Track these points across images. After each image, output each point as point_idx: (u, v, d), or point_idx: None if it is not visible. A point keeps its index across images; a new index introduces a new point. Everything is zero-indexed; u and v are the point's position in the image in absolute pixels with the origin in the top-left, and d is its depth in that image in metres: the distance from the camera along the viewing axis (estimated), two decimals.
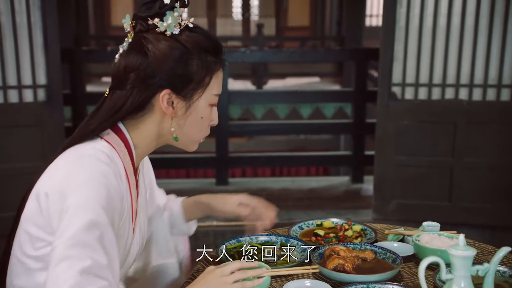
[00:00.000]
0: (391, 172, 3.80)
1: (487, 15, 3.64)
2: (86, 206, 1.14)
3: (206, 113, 1.35)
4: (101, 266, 1.12)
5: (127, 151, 1.33)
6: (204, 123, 1.36)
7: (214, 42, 1.33)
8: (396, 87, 3.77)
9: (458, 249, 1.32)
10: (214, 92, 1.34)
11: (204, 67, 1.30)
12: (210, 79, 1.32)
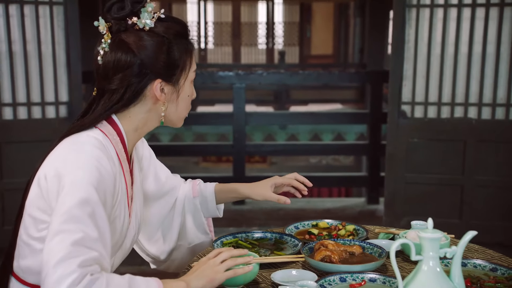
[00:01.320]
0: (402, 189, 3.84)
1: (495, 35, 3.71)
2: (78, 186, 1.25)
3: (191, 90, 1.49)
4: (92, 239, 1.21)
5: (120, 139, 1.43)
6: (189, 100, 1.50)
7: (183, 25, 1.45)
8: (405, 106, 3.84)
9: (427, 232, 1.39)
10: (193, 69, 1.47)
11: (183, 51, 1.43)
12: (190, 60, 1.46)
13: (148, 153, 1.75)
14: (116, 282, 1.22)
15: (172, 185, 1.80)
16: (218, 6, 11.23)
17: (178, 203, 1.79)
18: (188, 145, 5.64)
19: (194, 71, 1.49)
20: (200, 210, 1.80)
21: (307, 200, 5.19)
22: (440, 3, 3.74)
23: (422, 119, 3.84)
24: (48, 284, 1.17)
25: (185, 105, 1.50)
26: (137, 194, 1.55)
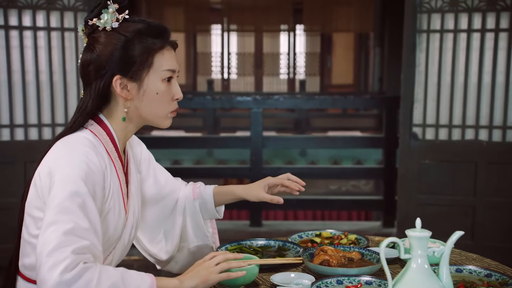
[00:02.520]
0: (414, 210, 3.88)
1: (504, 58, 3.78)
2: (68, 180, 1.34)
3: (161, 88, 1.50)
4: (82, 229, 1.30)
5: (109, 138, 1.52)
6: (163, 97, 1.51)
7: (153, 26, 1.51)
8: (417, 128, 3.92)
9: (415, 231, 1.47)
10: (163, 68, 1.50)
11: (144, 48, 1.47)
12: (153, 58, 1.49)
13: (147, 156, 1.81)
14: (109, 273, 1.29)
15: (172, 188, 1.87)
16: (241, 37, 11.48)
17: (179, 204, 1.87)
18: (208, 168, 5.77)
19: (166, 70, 1.51)
20: (199, 212, 1.87)
21: (323, 222, 5.24)
22: (450, 28, 3.85)
23: (433, 141, 3.91)
24: (42, 272, 1.24)
25: (156, 102, 1.51)
26: (134, 193, 1.62)
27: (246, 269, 1.57)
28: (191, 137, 6.33)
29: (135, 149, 1.75)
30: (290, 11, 9.48)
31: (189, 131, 8.13)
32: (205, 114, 8.46)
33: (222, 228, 4.90)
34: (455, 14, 3.82)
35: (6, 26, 3.68)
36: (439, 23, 3.86)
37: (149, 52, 1.48)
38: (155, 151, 6.53)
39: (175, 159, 6.96)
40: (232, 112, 8.63)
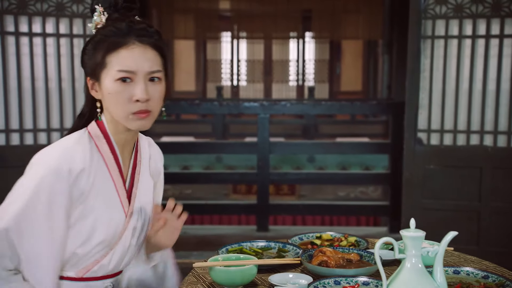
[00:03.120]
0: (419, 215, 3.88)
1: (510, 62, 3.80)
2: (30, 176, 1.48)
3: (113, 88, 1.48)
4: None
5: (105, 139, 1.56)
6: (117, 98, 1.48)
7: (116, 26, 1.50)
8: (422, 133, 3.95)
9: (409, 231, 1.50)
10: (115, 68, 1.47)
11: (104, 49, 1.48)
12: (107, 58, 1.48)
13: (159, 174, 1.80)
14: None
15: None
16: (250, 44, 11.55)
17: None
18: (216, 173, 5.81)
19: (119, 70, 1.48)
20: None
21: (330, 228, 5.25)
22: (455, 34, 3.87)
23: (438, 146, 3.93)
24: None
25: (111, 102, 1.50)
26: (142, 193, 1.65)
27: (244, 270, 1.61)
28: (199, 143, 6.38)
29: (156, 158, 1.76)
30: (299, 18, 9.52)
31: (199, 137, 8.18)
32: (214, 121, 8.51)
33: (229, 233, 4.98)
34: (460, 20, 3.85)
35: (17, 32, 3.76)
36: (444, 29, 3.89)
37: (104, 52, 1.48)
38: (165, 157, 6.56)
39: (185, 164, 7.01)
40: (241, 118, 8.67)
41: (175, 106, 6.17)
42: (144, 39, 1.49)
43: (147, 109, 1.49)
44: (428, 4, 3.86)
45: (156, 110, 1.53)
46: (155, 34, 1.52)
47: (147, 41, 1.50)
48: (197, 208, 5.25)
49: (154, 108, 1.51)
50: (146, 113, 1.50)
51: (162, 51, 1.53)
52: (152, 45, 1.50)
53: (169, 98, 4.75)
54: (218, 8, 9.44)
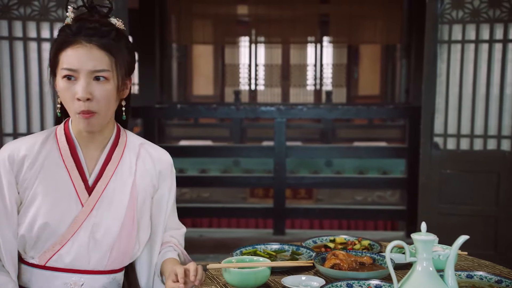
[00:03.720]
0: (435, 220, 3.89)
1: None
2: None
3: (61, 86, 1.54)
4: None
5: (66, 137, 1.62)
6: (63, 96, 1.55)
7: (68, 26, 1.56)
8: (438, 138, 3.94)
9: (420, 235, 1.51)
10: (61, 66, 1.53)
11: (54, 49, 1.55)
12: (58, 57, 1.54)
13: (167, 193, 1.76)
14: None
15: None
16: (268, 49, 11.60)
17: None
18: (233, 177, 5.85)
19: (64, 68, 1.53)
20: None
21: (347, 232, 5.26)
22: (472, 39, 3.87)
23: (454, 151, 3.92)
24: None
25: (63, 100, 1.56)
26: (113, 191, 1.64)
27: (257, 271, 1.64)
28: (217, 147, 6.44)
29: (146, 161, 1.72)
30: (317, 23, 9.54)
31: (216, 141, 8.25)
32: (232, 125, 8.58)
33: (246, 236, 5.02)
34: (477, 25, 3.84)
35: (25, 38, 3.82)
36: (461, 34, 3.88)
37: (55, 51, 1.55)
38: (183, 160, 6.66)
39: (202, 168, 7.07)
40: (258, 122, 8.72)
41: (193, 110, 6.25)
42: (93, 38, 1.52)
43: (89, 110, 1.52)
44: (444, 9, 3.86)
45: (103, 111, 1.55)
46: (108, 34, 1.54)
47: (94, 41, 1.52)
48: (214, 211, 5.30)
49: (99, 108, 1.53)
50: (89, 114, 1.52)
51: (111, 51, 1.54)
52: (99, 45, 1.52)
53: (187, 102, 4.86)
54: (236, 13, 9.50)
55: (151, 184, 1.70)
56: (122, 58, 1.56)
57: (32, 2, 3.74)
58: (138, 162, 1.69)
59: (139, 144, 1.71)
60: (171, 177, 1.75)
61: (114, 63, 1.54)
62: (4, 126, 3.84)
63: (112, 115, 1.61)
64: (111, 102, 1.56)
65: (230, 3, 8.75)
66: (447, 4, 3.86)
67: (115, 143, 1.67)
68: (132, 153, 1.68)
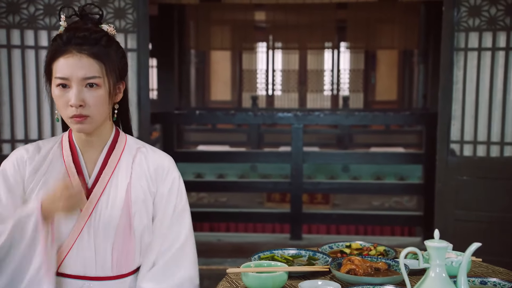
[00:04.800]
0: (451, 226, 3.91)
1: None
2: None
3: (55, 93, 1.61)
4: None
5: (69, 143, 1.72)
6: (57, 102, 1.62)
7: (58, 38, 1.61)
8: (454, 144, 3.96)
9: (433, 242, 1.56)
10: (55, 75, 1.60)
11: (47, 59, 1.63)
12: (51, 66, 1.61)
13: (166, 193, 1.77)
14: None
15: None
16: (286, 54, 11.66)
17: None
18: (250, 182, 5.91)
19: (56, 77, 1.60)
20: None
21: (363, 237, 5.28)
22: (488, 47, 3.88)
23: (471, 158, 3.93)
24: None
25: (58, 106, 1.63)
26: (109, 194, 1.70)
27: (275, 276, 1.68)
28: (234, 152, 6.50)
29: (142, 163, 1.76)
30: (334, 29, 9.57)
31: (234, 146, 8.32)
32: (249, 130, 8.64)
33: (263, 241, 5.07)
34: (493, 33, 3.86)
35: (36, 46, 3.92)
36: (477, 42, 3.90)
37: (48, 60, 1.62)
38: (201, 165, 6.74)
39: (220, 173, 7.14)
40: (276, 127, 8.77)
41: (211, 116, 6.32)
42: (83, 47, 1.58)
43: (81, 114, 1.59)
44: (461, 17, 3.89)
45: (96, 114, 1.61)
46: (98, 42, 1.60)
47: (84, 50, 1.58)
48: (232, 215, 5.36)
49: (92, 112, 1.60)
50: (81, 118, 1.59)
51: (101, 58, 1.60)
52: (89, 53, 1.58)
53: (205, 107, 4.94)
54: (254, 19, 9.56)
55: (146, 187, 1.73)
56: (113, 64, 1.63)
57: (21, 11, 3.83)
58: (134, 165, 1.73)
59: (136, 148, 1.75)
60: (171, 178, 1.76)
61: (104, 69, 1.60)
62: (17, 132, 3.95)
63: (105, 118, 1.67)
64: (103, 106, 1.62)
65: (248, 9, 8.81)
66: (463, 12, 3.88)
67: (112, 146, 1.72)
68: (129, 156, 1.73)
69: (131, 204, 1.70)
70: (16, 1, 3.80)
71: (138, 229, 1.71)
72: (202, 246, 3.22)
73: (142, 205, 1.72)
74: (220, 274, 1.97)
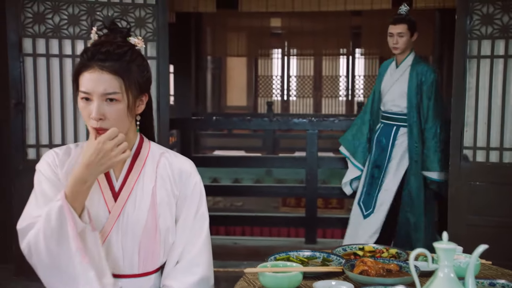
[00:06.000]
0: (463, 231, 3.95)
1: None
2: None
3: (80, 105, 1.72)
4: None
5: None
6: (82, 113, 1.73)
7: (84, 53, 1.72)
8: (467, 150, 4.01)
9: (442, 244, 1.64)
10: (80, 89, 1.70)
11: (74, 72, 1.73)
12: (77, 79, 1.72)
13: (190, 194, 1.87)
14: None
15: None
16: (301, 60, 11.74)
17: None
18: (265, 186, 6.00)
19: (81, 91, 1.70)
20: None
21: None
22: (501, 54, 3.94)
23: (484, 163, 3.98)
24: None
25: (84, 117, 1.74)
26: (136, 197, 1.80)
27: (291, 276, 1.77)
28: (250, 157, 6.58)
29: (166, 167, 1.86)
30: (349, 35, 9.66)
31: (249, 151, 8.41)
32: (264, 135, 8.73)
33: (278, 245, 5.15)
34: (506, 41, 3.91)
35: (60, 54, 4.04)
36: (490, 49, 3.95)
37: (75, 74, 1.73)
38: (217, 170, 6.83)
39: (236, 177, 7.23)
40: (291, 133, 8.84)
41: (227, 121, 6.41)
42: (105, 64, 1.68)
43: (101, 127, 1.68)
44: (474, 25, 3.95)
45: (115, 127, 1.68)
46: (120, 58, 1.69)
47: (106, 66, 1.67)
48: (247, 219, 5.44)
49: (111, 125, 1.68)
50: (102, 130, 1.68)
51: (121, 75, 1.69)
52: (110, 70, 1.67)
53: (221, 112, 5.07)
54: (270, 26, 9.68)
55: (170, 190, 1.83)
56: (133, 79, 1.71)
57: (47, 21, 3.97)
58: (158, 169, 1.83)
59: (160, 153, 1.85)
60: (193, 182, 1.86)
61: (124, 85, 1.69)
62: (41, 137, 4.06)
63: (127, 129, 1.75)
64: (123, 119, 1.71)
65: (264, 17, 8.93)
66: (476, 21, 3.94)
67: (137, 152, 1.82)
68: (153, 162, 1.83)
69: (156, 206, 1.80)
70: (42, 12, 3.95)
71: (162, 230, 1.82)
72: (218, 249, 3.30)
73: (166, 207, 1.83)
74: (236, 277, 2.05)
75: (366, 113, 4.49)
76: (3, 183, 4.23)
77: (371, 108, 4.46)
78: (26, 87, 3.98)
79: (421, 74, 4.18)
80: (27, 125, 4.01)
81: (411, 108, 4.16)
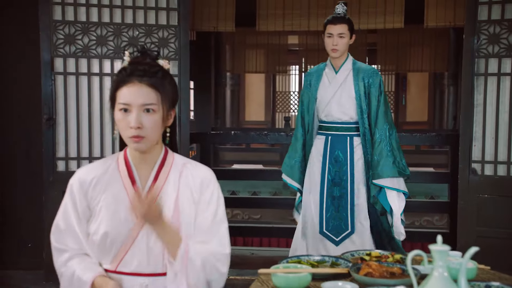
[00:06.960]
0: (473, 243, 4.05)
1: None
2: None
3: (117, 116, 1.87)
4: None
5: (125, 161, 1.97)
6: (120, 124, 1.88)
7: (123, 70, 1.90)
8: (476, 164, 4.15)
9: (436, 246, 1.80)
10: (118, 101, 1.87)
11: (113, 87, 1.90)
12: (115, 93, 1.88)
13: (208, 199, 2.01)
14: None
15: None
16: None
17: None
18: (282, 199, 6.10)
19: (120, 103, 1.86)
20: None
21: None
22: (507, 72, 4.09)
23: (492, 177, 4.12)
24: None
25: (119, 128, 1.89)
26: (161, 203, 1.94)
27: (301, 276, 1.94)
28: (267, 170, 6.71)
29: (188, 176, 2.00)
30: (365, 51, 9.79)
31: (267, 165, 8.56)
32: (282, 149, 8.87)
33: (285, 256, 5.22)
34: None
35: (89, 73, 4.26)
36: (497, 67, 4.10)
37: (114, 89, 1.90)
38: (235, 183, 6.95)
39: (254, 190, 7.36)
40: None
41: (246, 136, 6.57)
42: (143, 78, 1.86)
43: (139, 135, 1.85)
44: (481, 44, 4.10)
45: (151, 135, 1.87)
46: (155, 74, 1.87)
47: (144, 80, 1.85)
48: (264, 230, 5.58)
49: (148, 134, 1.86)
50: (138, 138, 1.85)
51: (158, 88, 1.86)
52: (148, 84, 1.85)
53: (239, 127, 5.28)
54: (287, 43, 9.85)
55: (191, 197, 1.97)
56: (167, 93, 1.89)
57: (76, 42, 4.22)
58: (181, 179, 1.97)
59: (182, 164, 1.99)
60: (211, 189, 2.00)
61: (160, 97, 1.85)
62: (70, 150, 4.28)
63: (158, 139, 1.93)
64: (157, 129, 1.89)
65: (281, 34, 9.13)
66: (483, 40, 4.10)
67: (162, 163, 1.96)
68: (177, 172, 1.97)
69: (179, 213, 1.95)
70: (73, 33, 4.21)
71: (184, 235, 1.98)
72: (236, 259, 3.44)
73: (188, 213, 1.97)
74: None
75: (298, 128, 3.96)
76: (34, 193, 4.46)
77: (302, 121, 3.93)
78: (57, 103, 4.21)
79: (367, 76, 3.74)
80: (57, 139, 4.23)
81: (362, 114, 3.71)
